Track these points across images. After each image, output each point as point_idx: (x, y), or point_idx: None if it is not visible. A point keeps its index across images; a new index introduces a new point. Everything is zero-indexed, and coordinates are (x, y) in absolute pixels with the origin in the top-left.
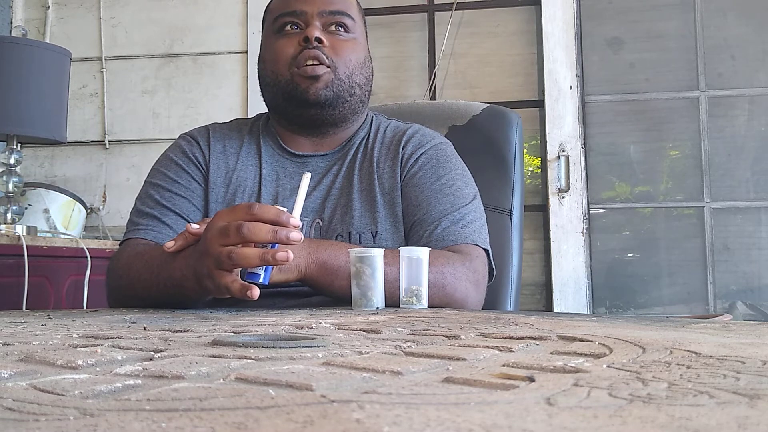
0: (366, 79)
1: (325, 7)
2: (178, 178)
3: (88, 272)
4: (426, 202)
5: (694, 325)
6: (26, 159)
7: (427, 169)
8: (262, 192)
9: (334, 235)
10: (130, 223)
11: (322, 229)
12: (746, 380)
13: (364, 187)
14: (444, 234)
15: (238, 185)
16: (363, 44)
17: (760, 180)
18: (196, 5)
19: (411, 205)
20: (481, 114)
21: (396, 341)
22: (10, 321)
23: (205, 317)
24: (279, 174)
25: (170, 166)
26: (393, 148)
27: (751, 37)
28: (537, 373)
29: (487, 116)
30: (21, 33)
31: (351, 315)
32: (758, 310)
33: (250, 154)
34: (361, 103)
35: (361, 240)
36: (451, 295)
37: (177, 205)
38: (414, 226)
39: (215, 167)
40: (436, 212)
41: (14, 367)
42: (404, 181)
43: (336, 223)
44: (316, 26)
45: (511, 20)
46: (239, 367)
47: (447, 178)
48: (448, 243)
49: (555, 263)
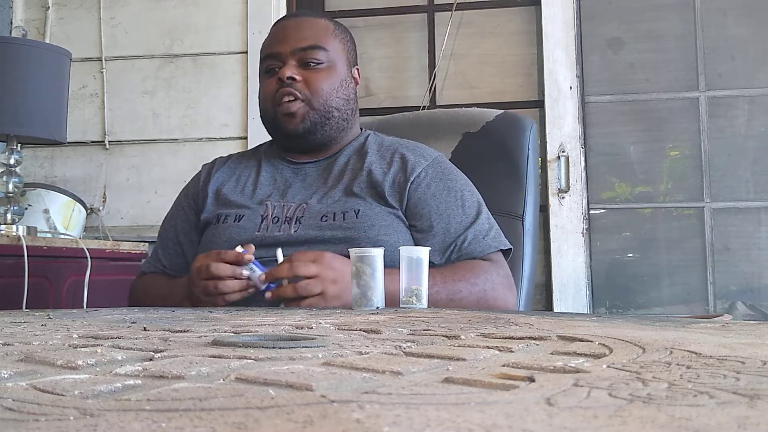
0: (345, 100)
1: (297, 44)
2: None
3: (88, 272)
4: (446, 213)
5: (694, 325)
6: (26, 159)
7: (437, 181)
8: (257, 192)
9: (319, 216)
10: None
11: (306, 210)
12: (746, 380)
13: (350, 178)
14: (471, 248)
15: (233, 187)
16: (340, 68)
17: (760, 180)
18: (196, 5)
19: (426, 213)
20: (494, 120)
21: (396, 341)
22: (10, 321)
23: (205, 317)
24: (276, 178)
25: (176, 203)
26: (389, 154)
27: (751, 37)
28: (537, 373)
29: (500, 122)
30: (21, 33)
31: (351, 315)
32: (758, 310)
33: (250, 164)
34: (344, 121)
35: (345, 218)
36: (494, 305)
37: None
38: (434, 235)
39: (213, 183)
40: (456, 224)
41: (14, 367)
42: (412, 186)
43: (321, 205)
44: (291, 65)
45: (511, 20)
46: (239, 367)
47: (456, 189)
48: (476, 255)
49: (555, 263)
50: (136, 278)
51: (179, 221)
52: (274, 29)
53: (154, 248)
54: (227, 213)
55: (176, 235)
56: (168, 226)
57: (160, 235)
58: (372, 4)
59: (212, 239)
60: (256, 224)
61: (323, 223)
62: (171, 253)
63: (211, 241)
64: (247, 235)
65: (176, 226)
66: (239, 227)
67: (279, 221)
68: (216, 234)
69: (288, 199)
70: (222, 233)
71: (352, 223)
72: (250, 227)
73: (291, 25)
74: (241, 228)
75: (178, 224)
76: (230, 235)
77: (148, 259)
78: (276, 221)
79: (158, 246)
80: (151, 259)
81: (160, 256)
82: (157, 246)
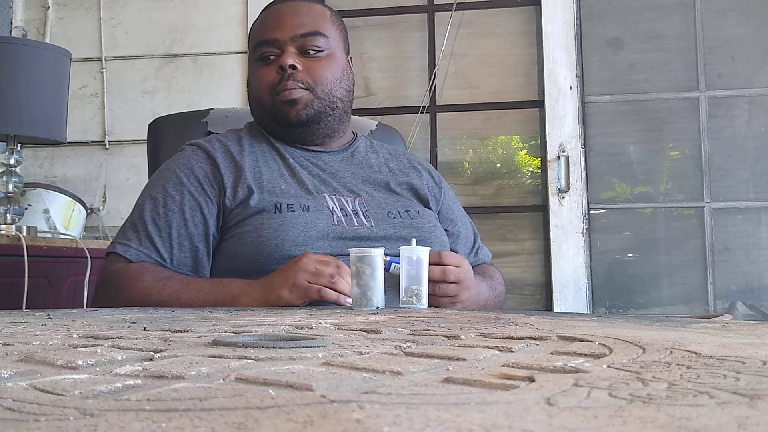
0: (346, 91)
1: (296, 30)
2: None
3: (88, 272)
4: (464, 219)
5: (694, 325)
6: (26, 159)
7: (449, 190)
8: (302, 181)
9: (385, 212)
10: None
11: (368, 205)
12: (746, 380)
13: (384, 176)
14: (483, 253)
15: (271, 174)
16: (340, 56)
17: (760, 180)
18: (196, 5)
19: (454, 218)
20: (371, 134)
21: (396, 341)
22: (10, 321)
23: (205, 317)
24: (306, 167)
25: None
26: (405, 159)
27: (751, 37)
28: (537, 373)
29: (378, 135)
30: (21, 33)
31: (351, 315)
32: (758, 310)
33: (265, 149)
34: (345, 113)
35: (410, 216)
36: (503, 303)
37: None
38: (462, 239)
39: (246, 167)
40: (470, 230)
41: (14, 367)
42: (442, 192)
43: (377, 201)
44: (290, 52)
45: (511, 20)
46: (239, 367)
47: (456, 200)
48: (487, 260)
49: (555, 263)
50: (114, 265)
51: (187, 209)
52: (267, 13)
53: (139, 233)
54: (288, 202)
55: (183, 225)
56: (167, 212)
57: (155, 222)
58: (372, 4)
59: (279, 228)
60: (328, 216)
61: (394, 221)
62: (174, 245)
63: (277, 230)
64: (323, 226)
65: (183, 214)
66: (313, 218)
67: (347, 214)
68: (284, 223)
69: (334, 190)
70: (292, 222)
71: (419, 222)
72: (323, 219)
73: (287, 10)
74: (315, 218)
75: (186, 212)
76: (305, 224)
77: (129, 243)
78: (345, 214)
79: (151, 233)
80: (137, 245)
81: (158, 246)
82: (149, 232)
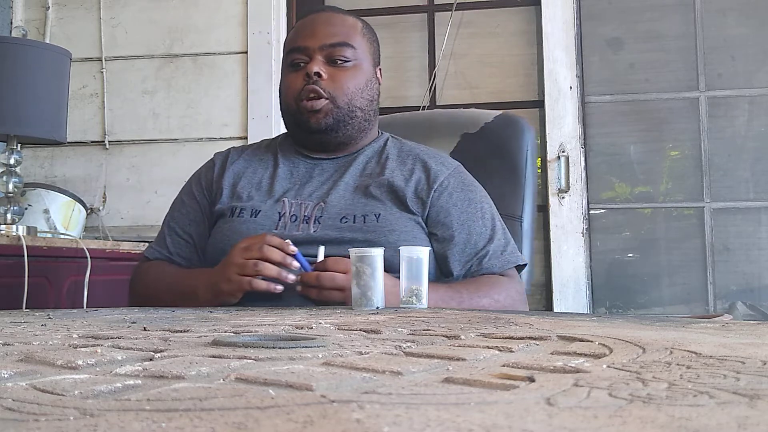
0: (369, 100)
1: (326, 40)
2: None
3: (88, 272)
4: (467, 224)
5: (694, 325)
6: (26, 159)
7: (458, 191)
8: (274, 187)
9: (338, 217)
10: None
11: (324, 210)
12: (746, 380)
13: (369, 180)
14: (491, 263)
15: (249, 181)
16: (366, 67)
17: (760, 180)
18: (196, 5)
19: (448, 222)
20: (493, 121)
21: (396, 341)
22: (10, 321)
23: (205, 317)
24: (293, 173)
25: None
26: (410, 160)
27: (751, 37)
28: (537, 373)
29: (499, 123)
30: (21, 33)
31: (351, 315)
32: (758, 310)
33: (266, 158)
34: (365, 121)
35: (366, 221)
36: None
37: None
38: (455, 245)
39: (228, 174)
40: (476, 236)
41: (14, 367)
42: (435, 194)
43: (340, 205)
44: (318, 60)
45: (511, 20)
46: (239, 367)
47: (476, 201)
48: (496, 270)
49: (555, 263)
50: (139, 263)
51: (190, 209)
52: (302, 23)
53: (160, 234)
54: (242, 207)
55: (187, 224)
56: (177, 213)
57: (168, 222)
58: (372, 4)
59: (226, 232)
60: (273, 221)
61: (343, 225)
62: (179, 241)
63: (225, 234)
64: (264, 230)
65: (188, 215)
66: (256, 223)
67: (297, 220)
68: (231, 227)
69: (305, 197)
70: (237, 227)
71: (372, 227)
72: (267, 224)
73: (320, 20)
74: (257, 224)
75: (190, 213)
76: (246, 230)
77: (152, 245)
78: (294, 219)
79: (165, 232)
80: (157, 245)
81: (168, 243)
82: (164, 232)
